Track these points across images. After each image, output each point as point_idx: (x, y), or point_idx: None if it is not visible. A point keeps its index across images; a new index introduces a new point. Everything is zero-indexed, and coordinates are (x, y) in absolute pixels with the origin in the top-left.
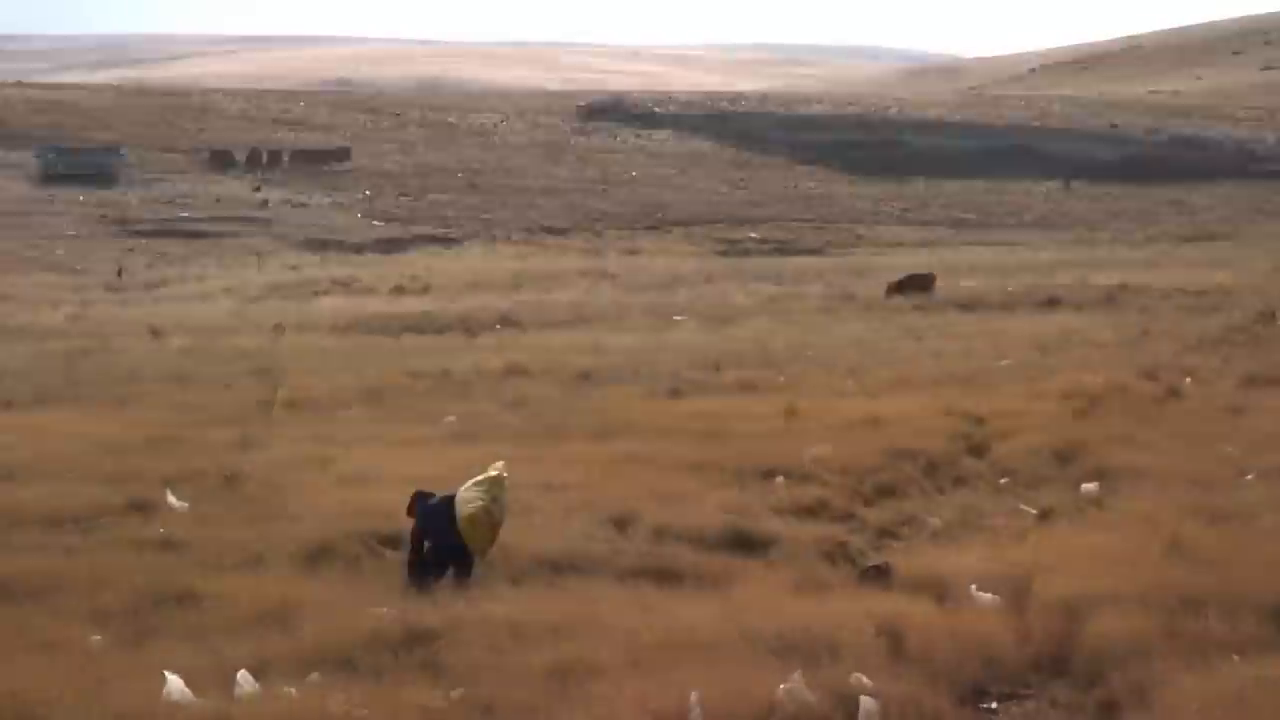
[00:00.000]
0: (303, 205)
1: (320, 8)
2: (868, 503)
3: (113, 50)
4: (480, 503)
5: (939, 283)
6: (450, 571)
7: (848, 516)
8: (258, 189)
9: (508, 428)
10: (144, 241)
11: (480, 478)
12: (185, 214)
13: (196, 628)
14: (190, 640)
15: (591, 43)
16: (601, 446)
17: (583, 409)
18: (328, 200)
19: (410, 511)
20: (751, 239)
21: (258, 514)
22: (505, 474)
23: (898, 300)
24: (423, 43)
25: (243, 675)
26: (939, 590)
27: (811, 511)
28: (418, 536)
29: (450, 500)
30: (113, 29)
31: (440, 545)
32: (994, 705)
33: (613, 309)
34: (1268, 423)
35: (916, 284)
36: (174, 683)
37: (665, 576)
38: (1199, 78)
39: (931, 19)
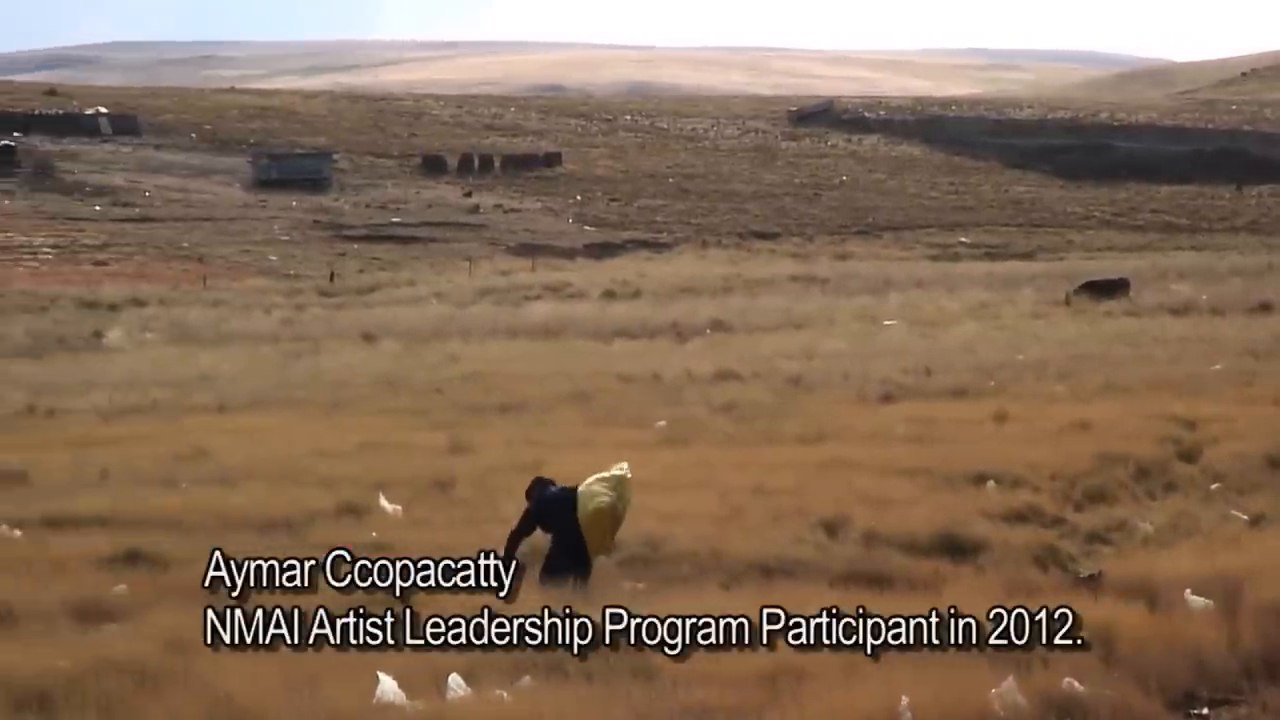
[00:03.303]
0: (514, 210)
1: (531, 12)
2: (1078, 508)
3: (325, 56)
4: (606, 499)
5: (1149, 286)
6: (570, 573)
7: (1058, 521)
8: (469, 194)
9: (718, 431)
10: (355, 246)
11: (605, 474)
12: (397, 219)
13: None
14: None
15: (801, 47)
16: (812, 450)
17: (793, 413)
18: (539, 205)
19: (529, 495)
20: (962, 244)
21: (469, 517)
22: (629, 474)
23: (1085, 303)
24: (633, 47)
25: (454, 679)
26: (1150, 595)
27: (1022, 516)
28: (528, 519)
29: (572, 492)
30: (325, 35)
31: (558, 538)
32: (1205, 711)
33: (823, 313)
34: None
35: (1107, 288)
36: (387, 684)
37: (876, 581)
38: None
39: (1142, 23)
